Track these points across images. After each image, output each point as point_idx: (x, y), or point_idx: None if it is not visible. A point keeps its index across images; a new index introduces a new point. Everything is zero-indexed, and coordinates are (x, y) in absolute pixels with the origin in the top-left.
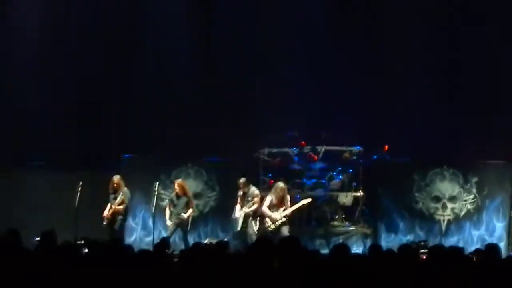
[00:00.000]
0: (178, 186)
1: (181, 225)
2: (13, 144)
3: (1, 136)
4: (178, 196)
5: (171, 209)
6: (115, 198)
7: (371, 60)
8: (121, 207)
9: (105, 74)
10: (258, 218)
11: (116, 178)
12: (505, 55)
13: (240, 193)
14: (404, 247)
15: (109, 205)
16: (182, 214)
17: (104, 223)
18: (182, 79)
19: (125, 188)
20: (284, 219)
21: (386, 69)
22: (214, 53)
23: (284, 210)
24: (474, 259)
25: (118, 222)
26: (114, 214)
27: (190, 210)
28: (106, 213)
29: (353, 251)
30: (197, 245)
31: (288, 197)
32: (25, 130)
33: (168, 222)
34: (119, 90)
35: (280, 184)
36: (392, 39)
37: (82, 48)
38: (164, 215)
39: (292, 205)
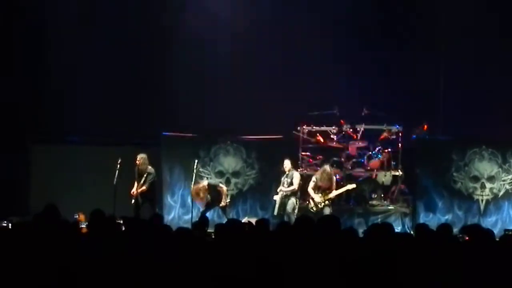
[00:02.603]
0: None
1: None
2: (53, 121)
3: (41, 113)
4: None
5: None
6: (140, 179)
7: (411, 38)
8: (144, 188)
9: (145, 53)
10: (299, 196)
11: (138, 156)
12: None
13: (283, 176)
14: (443, 227)
15: (136, 184)
16: (220, 205)
17: (133, 201)
18: (221, 57)
19: (150, 168)
20: (327, 202)
21: (427, 48)
22: (253, 27)
23: (328, 193)
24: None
25: (147, 203)
26: (140, 195)
27: (223, 192)
28: (134, 191)
29: None
30: (233, 222)
31: (334, 179)
32: (65, 107)
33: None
34: (159, 68)
35: (328, 169)
36: (433, 16)
37: (121, 25)
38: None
39: (335, 187)
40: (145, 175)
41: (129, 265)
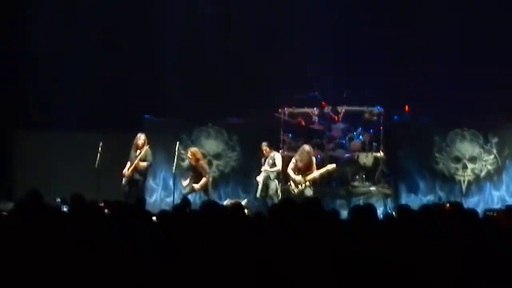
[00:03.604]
0: (190, 154)
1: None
2: (36, 106)
3: (24, 98)
4: (191, 165)
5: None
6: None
7: (393, 19)
8: (144, 164)
9: (128, 37)
10: (281, 179)
11: (143, 136)
12: None
13: (263, 159)
14: (425, 208)
15: (128, 163)
16: (194, 185)
17: (124, 181)
18: (203, 38)
19: (148, 148)
20: (308, 183)
21: (408, 29)
22: (234, 11)
23: (308, 174)
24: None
25: (139, 184)
26: (135, 170)
27: (203, 180)
28: (126, 171)
29: None
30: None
31: (314, 160)
32: (47, 92)
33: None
34: (142, 52)
35: (306, 148)
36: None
37: (104, 9)
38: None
39: (316, 168)
40: (143, 152)
41: (113, 250)
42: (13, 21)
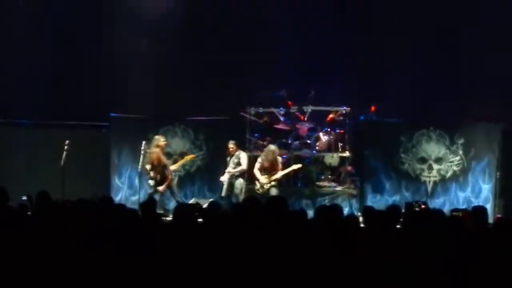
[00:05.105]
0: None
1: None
2: (1, 103)
3: None
4: (153, 167)
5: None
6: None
7: (360, 19)
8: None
9: (96, 33)
10: (246, 178)
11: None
12: (495, 18)
13: (228, 158)
14: (392, 208)
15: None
16: (158, 187)
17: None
18: (170, 37)
19: None
20: (273, 183)
21: (374, 29)
22: (201, 11)
23: (274, 174)
24: (461, 215)
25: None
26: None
27: (167, 181)
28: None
29: None
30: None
31: (280, 159)
32: (13, 86)
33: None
34: (108, 49)
35: (272, 148)
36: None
37: (68, 7)
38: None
39: (281, 167)
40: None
41: (80, 250)
42: None
